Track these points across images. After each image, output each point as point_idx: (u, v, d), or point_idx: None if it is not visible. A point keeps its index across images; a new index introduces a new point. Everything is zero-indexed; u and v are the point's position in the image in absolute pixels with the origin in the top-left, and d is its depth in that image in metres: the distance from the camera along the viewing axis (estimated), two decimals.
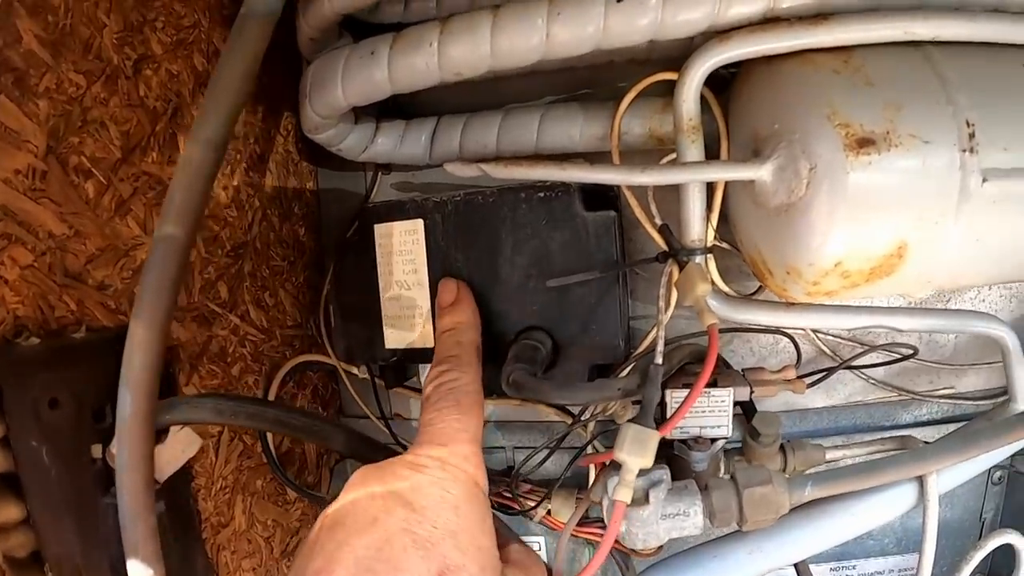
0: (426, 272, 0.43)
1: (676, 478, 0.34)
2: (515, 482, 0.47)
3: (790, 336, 0.46)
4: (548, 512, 0.47)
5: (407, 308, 0.44)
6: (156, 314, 0.29)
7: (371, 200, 0.51)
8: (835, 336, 0.47)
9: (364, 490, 0.29)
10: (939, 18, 0.31)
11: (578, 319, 0.40)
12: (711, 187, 0.37)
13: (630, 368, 0.41)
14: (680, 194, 0.35)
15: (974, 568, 0.36)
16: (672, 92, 0.35)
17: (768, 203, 0.32)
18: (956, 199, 0.29)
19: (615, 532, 0.31)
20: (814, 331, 0.46)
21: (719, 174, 0.34)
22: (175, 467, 0.35)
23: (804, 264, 0.32)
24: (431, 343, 0.43)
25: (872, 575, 0.53)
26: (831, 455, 0.42)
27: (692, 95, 0.34)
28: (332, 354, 0.50)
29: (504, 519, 0.36)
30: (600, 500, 0.33)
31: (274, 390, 0.48)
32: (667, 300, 0.36)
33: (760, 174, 0.32)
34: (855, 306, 0.37)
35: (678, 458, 0.39)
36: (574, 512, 0.40)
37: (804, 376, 0.44)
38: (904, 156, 0.29)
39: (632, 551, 0.44)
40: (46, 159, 0.30)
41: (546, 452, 0.45)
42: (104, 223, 0.34)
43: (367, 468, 0.30)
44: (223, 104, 0.31)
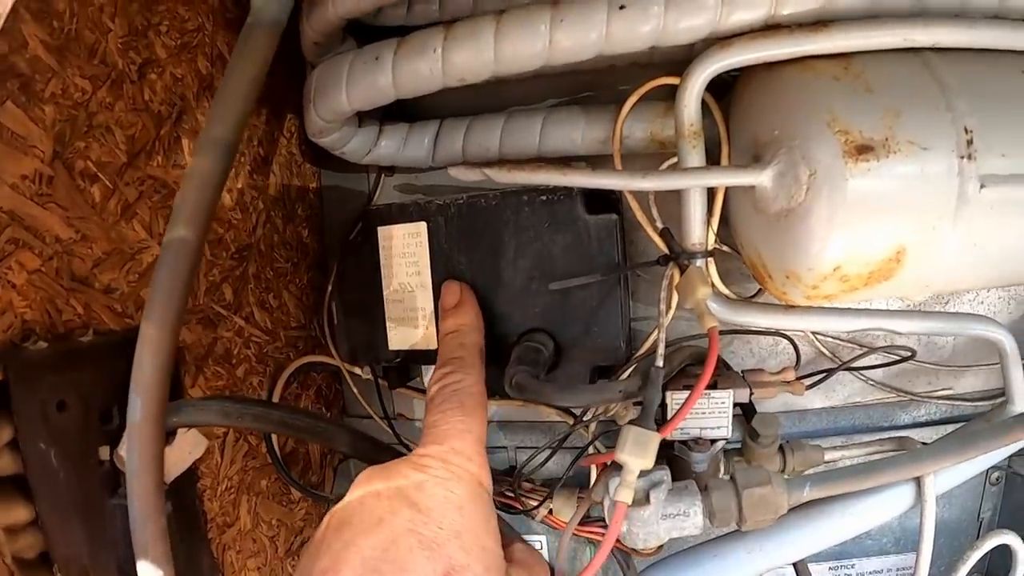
0: (429, 274, 0.43)
1: (676, 479, 0.35)
2: (517, 482, 0.47)
3: (789, 338, 0.46)
4: (550, 512, 0.47)
5: (410, 310, 0.44)
6: (167, 316, 0.29)
7: (374, 202, 0.51)
8: (834, 338, 0.48)
9: (370, 490, 0.29)
10: (939, 25, 0.31)
11: (580, 321, 0.40)
12: (712, 191, 0.37)
13: (631, 370, 0.42)
14: (681, 198, 0.36)
15: (971, 568, 0.37)
16: (674, 95, 0.35)
17: (768, 208, 0.33)
18: (954, 205, 0.30)
19: (616, 532, 0.32)
20: (813, 333, 0.47)
21: (719, 180, 0.34)
22: (182, 468, 0.35)
23: (804, 268, 0.32)
24: (434, 345, 0.43)
25: (870, 574, 0.53)
26: (830, 456, 0.42)
27: (693, 101, 0.34)
28: (336, 355, 0.50)
29: (507, 518, 0.36)
30: (601, 500, 0.34)
31: (278, 391, 0.49)
32: (668, 303, 0.37)
33: (760, 180, 0.32)
34: (854, 309, 0.37)
35: (678, 459, 0.39)
36: (576, 512, 0.40)
37: (803, 377, 0.44)
38: (903, 162, 0.29)
39: (633, 550, 0.44)
40: (52, 164, 0.30)
41: (548, 452, 0.46)
42: (110, 227, 0.34)
43: (373, 469, 0.30)
44: (232, 110, 0.31)
